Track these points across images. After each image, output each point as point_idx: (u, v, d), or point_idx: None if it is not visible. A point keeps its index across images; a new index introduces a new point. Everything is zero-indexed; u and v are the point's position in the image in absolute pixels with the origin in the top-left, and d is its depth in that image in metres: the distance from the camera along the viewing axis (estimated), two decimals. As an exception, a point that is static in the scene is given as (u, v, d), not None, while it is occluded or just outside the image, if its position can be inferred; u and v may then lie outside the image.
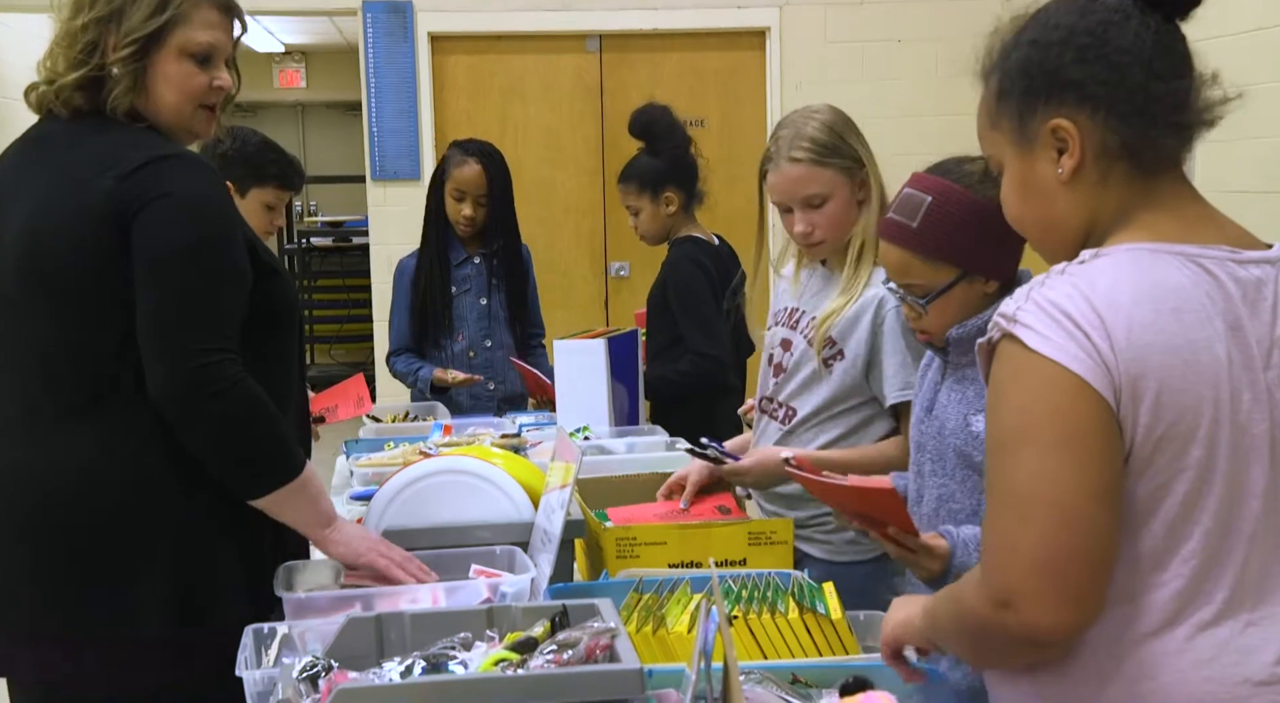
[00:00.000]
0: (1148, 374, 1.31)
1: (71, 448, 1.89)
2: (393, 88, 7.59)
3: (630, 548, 2.17)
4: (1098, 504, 1.29)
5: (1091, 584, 1.30)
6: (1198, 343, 1.33)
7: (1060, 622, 1.29)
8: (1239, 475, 1.35)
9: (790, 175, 2.40)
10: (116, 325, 1.88)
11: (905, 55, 7.65)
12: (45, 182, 1.93)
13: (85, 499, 1.88)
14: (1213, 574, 1.35)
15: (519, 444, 2.84)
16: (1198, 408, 1.32)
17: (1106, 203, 1.42)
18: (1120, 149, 1.40)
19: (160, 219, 1.86)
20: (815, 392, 2.41)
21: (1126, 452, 1.32)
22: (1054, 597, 1.28)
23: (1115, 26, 1.39)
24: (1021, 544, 1.29)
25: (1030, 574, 1.28)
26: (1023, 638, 1.31)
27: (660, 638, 1.75)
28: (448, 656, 1.59)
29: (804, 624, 1.78)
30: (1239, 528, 1.36)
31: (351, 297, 8.86)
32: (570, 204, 7.91)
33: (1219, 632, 1.36)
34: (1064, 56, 1.40)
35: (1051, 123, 1.41)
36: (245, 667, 1.64)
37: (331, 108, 12.29)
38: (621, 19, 7.66)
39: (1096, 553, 1.30)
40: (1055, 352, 1.30)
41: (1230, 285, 1.37)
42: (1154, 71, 1.38)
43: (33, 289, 1.90)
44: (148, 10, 1.95)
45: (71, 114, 1.97)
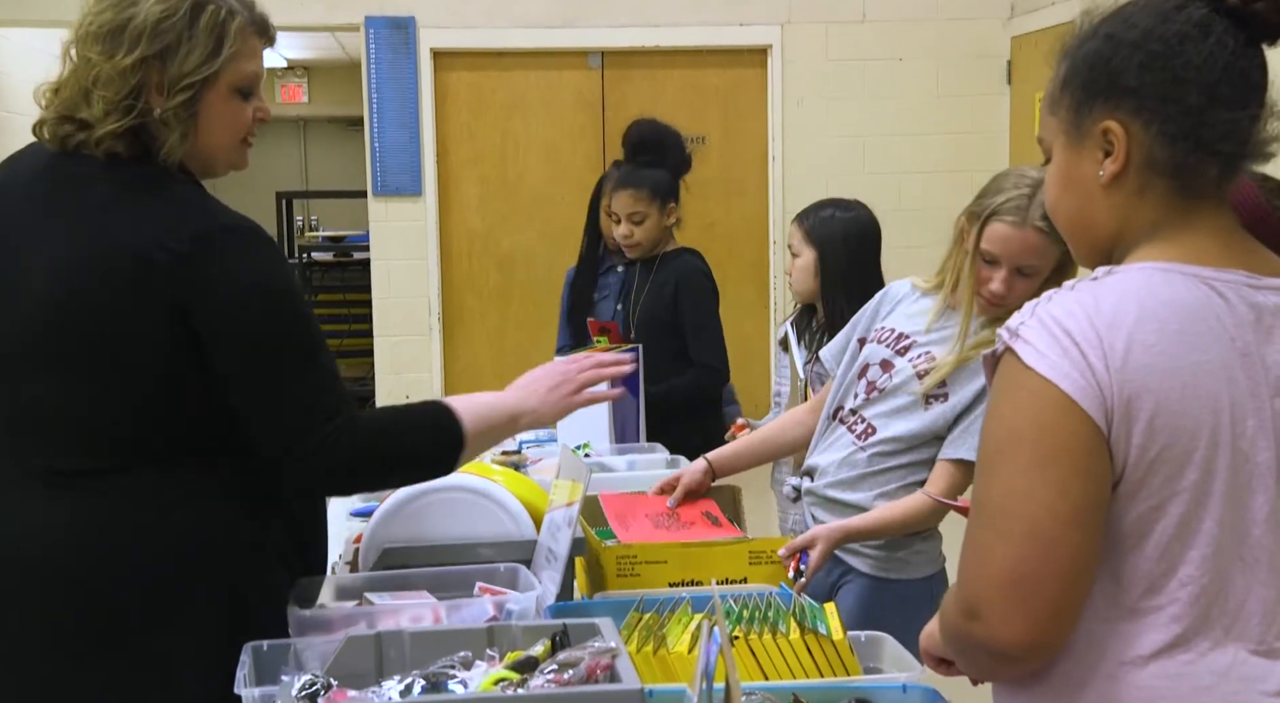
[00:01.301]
0: (1143, 395, 1.29)
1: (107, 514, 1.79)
2: (395, 103, 7.61)
3: (630, 567, 2.17)
4: (1072, 527, 1.29)
5: (1059, 604, 1.30)
6: (1200, 366, 1.31)
7: (1024, 638, 1.29)
8: (1240, 502, 1.34)
9: (1031, 242, 2.31)
10: (149, 394, 1.79)
11: (906, 74, 7.67)
12: (86, 241, 1.77)
13: (124, 576, 1.79)
14: (1214, 600, 1.34)
15: (519, 461, 2.84)
16: (1195, 431, 1.31)
17: (1140, 215, 1.40)
18: (1164, 166, 1.37)
19: (233, 312, 1.76)
20: (904, 420, 2.46)
21: (1119, 472, 1.31)
22: (1019, 613, 1.28)
23: (1190, 41, 1.34)
24: (993, 559, 1.29)
25: (998, 589, 1.29)
26: (987, 649, 1.32)
27: (661, 658, 1.75)
28: (447, 675, 1.58)
29: (805, 645, 1.77)
30: (1240, 555, 1.35)
31: (352, 312, 8.84)
32: (571, 220, 7.88)
33: (1219, 658, 1.34)
34: (1131, 59, 1.36)
35: (1103, 123, 1.38)
36: (244, 685, 1.64)
37: (333, 123, 12.31)
38: (623, 36, 7.68)
39: (1067, 574, 1.29)
40: (1048, 369, 1.30)
41: (1243, 309, 1.35)
42: (1215, 96, 1.34)
43: (61, 352, 1.78)
44: (204, 51, 1.80)
45: (109, 158, 1.81)
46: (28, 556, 1.79)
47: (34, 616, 1.79)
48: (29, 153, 1.92)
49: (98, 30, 1.80)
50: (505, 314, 7.93)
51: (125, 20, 1.79)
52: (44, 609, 1.79)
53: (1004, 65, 7.69)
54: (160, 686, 1.79)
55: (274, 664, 1.71)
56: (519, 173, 7.86)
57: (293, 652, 1.74)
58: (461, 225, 7.84)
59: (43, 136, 1.87)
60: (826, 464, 2.53)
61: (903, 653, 1.81)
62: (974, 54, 7.66)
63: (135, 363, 1.78)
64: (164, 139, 1.81)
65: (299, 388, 1.80)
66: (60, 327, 1.78)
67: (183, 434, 1.81)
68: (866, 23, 7.69)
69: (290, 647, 1.75)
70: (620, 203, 3.69)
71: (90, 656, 1.78)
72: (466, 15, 7.59)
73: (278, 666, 1.71)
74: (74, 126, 1.82)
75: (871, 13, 7.70)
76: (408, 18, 7.55)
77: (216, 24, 1.82)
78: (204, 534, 1.82)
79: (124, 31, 1.78)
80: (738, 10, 7.67)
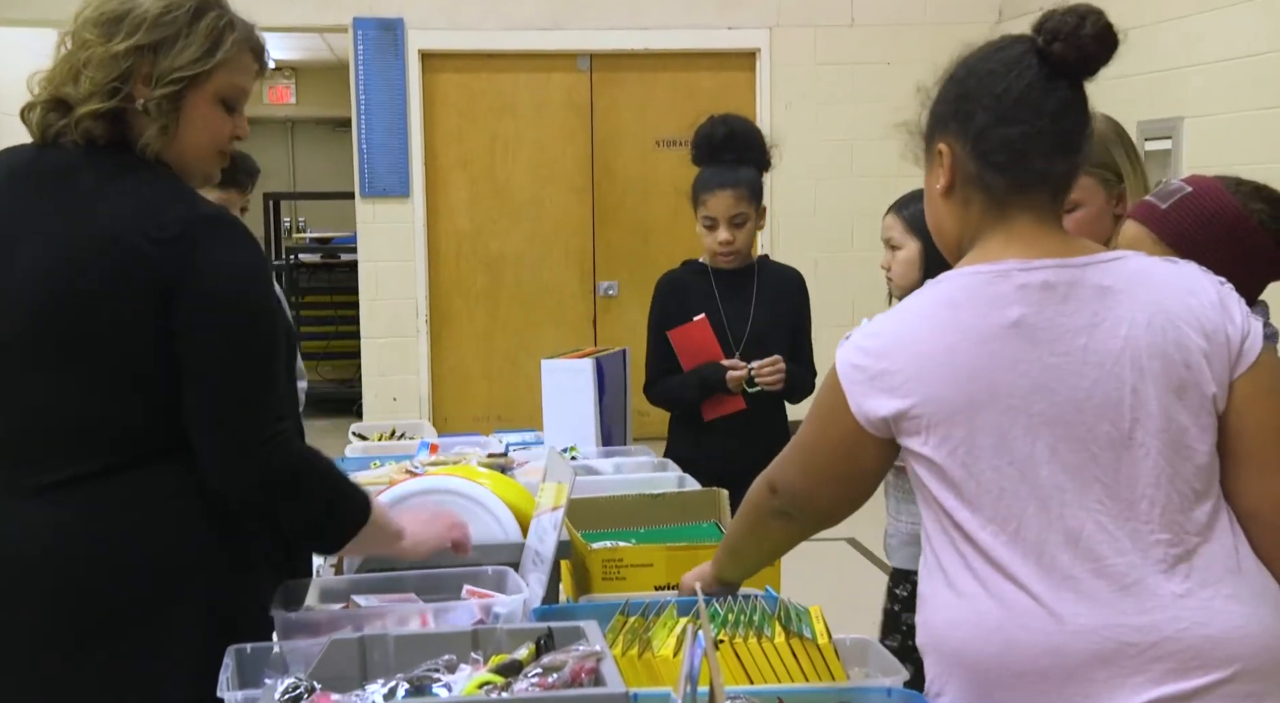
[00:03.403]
0: (911, 382, 1.61)
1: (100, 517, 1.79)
2: (383, 105, 7.60)
3: (616, 570, 2.16)
4: (824, 479, 1.74)
5: (824, 514, 1.79)
6: (957, 344, 1.59)
7: (805, 521, 1.81)
8: (1017, 449, 1.58)
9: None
10: (134, 389, 1.79)
11: (895, 77, 7.67)
12: (69, 231, 1.78)
13: (119, 573, 1.78)
14: (1015, 535, 1.58)
15: (505, 464, 2.83)
16: (954, 395, 1.59)
17: (968, 224, 1.69)
18: (974, 179, 1.65)
19: (208, 306, 1.77)
20: None
21: (913, 437, 1.62)
22: (796, 507, 1.78)
23: (995, 75, 1.62)
24: (790, 475, 1.77)
25: (789, 490, 1.78)
26: (781, 517, 1.80)
27: (646, 662, 1.74)
28: (431, 678, 1.57)
29: (790, 649, 1.77)
30: (1034, 496, 1.57)
31: (339, 313, 8.83)
32: (560, 222, 7.92)
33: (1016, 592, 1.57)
34: (951, 91, 1.67)
35: (938, 145, 1.68)
36: (227, 688, 1.63)
37: (321, 124, 12.29)
38: (613, 39, 7.69)
39: (823, 501, 1.78)
40: (841, 367, 1.67)
41: (1010, 291, 1.60)
42: (1000, 117, 1.61)
43: (48, 347, 1.78)
44: (198, 50, 1.82)
45: (87, 146, 1.83)
46: (17, 556, 1.79)
47: (23, 615, 1.79)
48: (9, 154, 1.92)
49: (98, 16, 1.83)
50: (493, 316, 7.93)
51: (128, 9, 1.82)
52: (33, 609, 1.79)
53: (992, 70, 7.71)
54: (145, 685, 1.79)
55: (258, 667, 1.71)
56: (507, 175, 7.86)
57: (276, 655, 1.73)
58: (450, 227, 7.83)
59: (30, 124, 1.88)
60: None
61: (888, 657, 1.81)
62: (962, 58, 7.68)
63: (123, 357, 1.78)
64: (143, 130, 1.83)
65: (252, 391, 1.80)
66: (51, 321, 1.78)
67: (170, 433, 1.81)
68: (855, 27, 7.71)
69: (274, 649, 1.74)
70: (719, 205, 3.31)
71: (77, 655, 1.78)
72: (455, 17, 7.59)
73: (261, 668, 1.70)
74: (58, 113, 1.84)
75: (860, 17, 7.72)
76: (396, 19, 7.55)
77: (215, 29, 1.85)
78: (189, 534, 1.81)
79: (124, 19, 1.81)
80: (726, 13, 7.68)
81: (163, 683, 1.79)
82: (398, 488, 2.26)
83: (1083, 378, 1.58)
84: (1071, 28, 1.58)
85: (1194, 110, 5.79)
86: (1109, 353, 1.58)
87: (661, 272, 3.52)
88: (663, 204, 7.77)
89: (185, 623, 1.80)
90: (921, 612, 1.69)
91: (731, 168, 3.32)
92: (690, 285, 3.41)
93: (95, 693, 1.79)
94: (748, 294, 3.39)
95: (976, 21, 7.71)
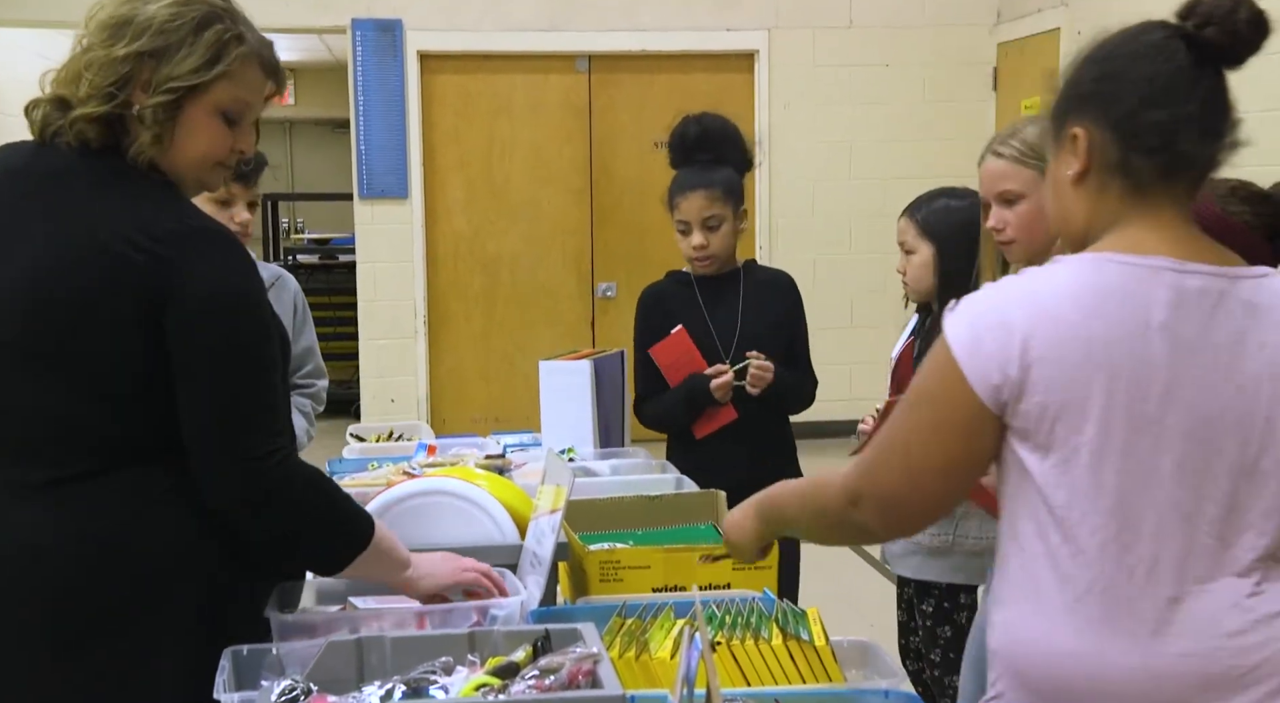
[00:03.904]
0: (1042, 362, 1.50)
1: (83, 518, 1.77)
2: (381, 106, 7.60)
3: (614, 572, 2.16)
4: (940, 478, 1.58)
5: (918, 520, 1.65)
6: (1101, 336, 1.50)
7: (886, 533, 1.71)
8: (1143, 460, 1.49)
9: (989, 169, 2.44)
10: (123, 393, 1.77)
11: (893, 79, 7.69)
12: (59, 236, 1.77)
13: (111, 574, 1.77)
14: (1126, 548, 1.50)
15: (503, 466, 2.83)
16: (1090, 392, 1.49)
17: (1102, 211, 1.60)
18: (1116, 166, 1.57)
19: (198, 320, 1.75)
20: None
21: (1024, 430, 1.52)
22: (886, 520, 1.63)
23: (1142, 58, 1.56)
24: (878, 479, 1.61)
25: (876, 502, 1.61)
26: (858, 528, 1.65)
27: (643, 664, 1.74)
28: (428, 680, 1.57)
29: (788, 651, 1.77)
30: (1150, 509, 1.50)
31: (337, 314, 8.82)
32: (557, 224, 7.92)
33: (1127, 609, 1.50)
34: (1091, 73, 1.60)
35: (1072, 130, 1.60)
36: (223, 690, 1.63)
37: (319, 125, 12.30)
38: (611, 40, 7.69)
39: (927, 505, 1.62)
40: (956, 344, 1.53)
41: (1163, 292, 1.51)
42: (1149, 101, 1.55)
43: (37, 350, 1.77)
44: (199, 60, 1.80)
45: (81, 148, 1.82)
46: (8, 557, 1.78)
47: (15, 616, 1.78)
48: (7, 151, 1.92)
49: (106, 19, 1.82)
50: (491, 317, 7.93)
51: (134, 14, 1.81)
52: (26, 610, 1.78)
53: (990, 72, 7.71)
54: (140, 687, 1.79)
55: (254, 669, 1.70)
56: (505, 176, 7.86)
57: (273, 657, 1.73)
58: (448, 228, 7.83)
59: (32, 120, 1.87)
60: None
61: (885, 659, 1.81)
62: (960, 60, 7.69)
63: (114, 360, 1.77)
64: (136, 136, 1.82)
65: (245, 405, 1.79)
66: (40, 323, 1.78)
67: (162, 434, 1.80)
68: (853, 28, 7.71)
69: (270, 651, 1.74)
70: (691, 207, 3.15)
71: (71, 656, 1.77)
72: (454, 18, 7.59)
73: (258, 670, 1.70)
74: (58, 112, 1.83)
75: (858, 19, 7.72)
76: (395, 20, 7.55)
77: (220, 40, 1.83)
78: (183, 535, 1.81)
79: (130, 24, 1.81)
80: (725, 15, 7.68)
81: (158, 685, 1.79)
82: (395, 489, 2.26)
83: (1218, 396, 1.50)
84: (1225, 12, 1.53)
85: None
86: (1249, 374, 1.51)
87: (659, 273, 3.43)
88: (660, 205, 7.68)
89: (180, 625, 1.80)
90: (999, 613, 1.60)
91: (706, 168, 3.17)
92: (673, 296, 3.26)
93: (89, 693, 1.78)
94: (733, 300, 3.21)
95: (975, 24, 7.72)
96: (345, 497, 1.90)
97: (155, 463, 1.81)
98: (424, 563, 1.96)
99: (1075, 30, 6.83)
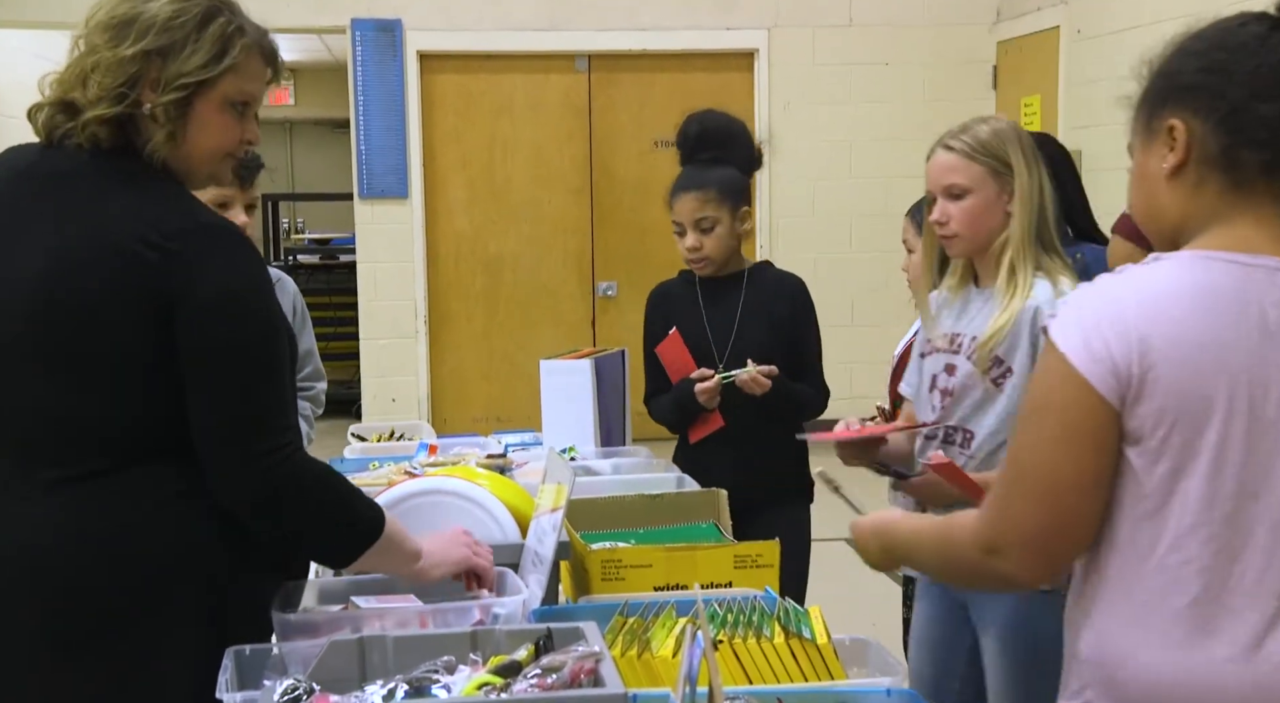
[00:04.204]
0: (1160, 366, 1.44)
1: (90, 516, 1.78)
2: (381, 106, 7.60)
3: (615, 570, 2.16)
4: (1083, 494, 1.49)
5: (1068, 552, 1.54)
6: (1218, 341, 1.45)
7: (1034, 577, 1.54)
8: (1262, 468, 1.45)
9: (938, 162, 2.46)
10: (131, 392, 1.78)
11: (893, 78, 7.69)
12: (69, 235, 1.78)
13: (115, 573, 1.77)
14: (1235, 558, 1.45)
15: (504, 465, 2.83)
16: (1210, 399, 1.44)
17: (1199, 207, 1.54)
18: (1216, 159, 1.52)
19: (209, 317, 1.76)
20: (990, 412, 2.42)
21: (1139, 438, 1.46)
22: (1033, 560, 1.52)
23: (1246, 49, 1.51)
24: (1016, 512, 1.52)
25: (1018, 539, 1.52)
26: (999, 579, 1.56)
27: (645, 662, 1.74)
28: (430, 679, 1.58)
29: (789, 649, 1.77)
30: (1265, 517, 1.45)
31: (338, 314, 8.83)
32: (558, 223, 7.92)
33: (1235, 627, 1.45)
34: (1192, 64, 1.54)
35: (1169, 121, 1.54)
36: (226, 689, 1.63)
37: (319, 125, 12.30)
38: (610, 39, 7.69)
39: (1075, 529, 1.52)
40: (1069, 348, 1.47)
41: (1276, 292, 1.47)
42: (1257, 93, 1.50)
43: (47, 349, 1.78)
44: (206, 55, 1.81)
45: (92, 149, 1.82)
46: (15, 556, 1.79)
47: (21, 614, 1.79)
48: (13, 153, 1.93)
49: (108, 20, 1.83)
50: (492, 317, 7.93)
51: (137, 14, 1.82)
52: (31, 608, 1.78)
53: (989, 70, 7.71)
54: (143, 686, 1.79)
55: (256, 668, 1.70)
56: (506, 176, 7.86)
57: (275, 656, 1.73)
58: (448, 228, 7.83)
59: (36, 123, 1.88)
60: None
61: (886, 657, 1.81)
62: (960, 59, 7.68)
63: (122, 359, 1.78)
64: (150, 135, 1.83)
65: (255, 402, 1.79)
66: (48, 323, 1.78)
67: (170, 433, 1.81)
68: (853, 27, 7.71)
69: (273, 651, 1.74)
70: (684, 209, 3.10)
71: (75, 655, 1.77)
72: (453, 18, 7.59)
73: (260, 670, 1.70)
74: (65, 115, 1.83)
75: (858, 17, 7.72)
76: (394, 20, 7.55)
77: (224, 34, 1.84)
78: (188, 535, 1.81)
79: (133, 24, 1.81)
80: (725, 14, 7.68)
81: (161, 684, 1.79)
82: (397, 489, 2.26)
83: None
84: None
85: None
86: None
87: (660, 272, 3.40)
88: (661, 205, 7.61)
89: (183, 624, 1.80)
90: (1091, 619, 1.55)
91: (704, 168, 3.12)
92: (677, 296, 3.22)
93: (92, 694, 1.79)
94: (733, 303, 3.13)
95: (975, 23, 7.72)
96: (355, 490, 1.91)
97: (161, 463, 1.81)
98: (434, 551, 1.96)
99: (1074, 29, 6.83)
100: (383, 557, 1.90)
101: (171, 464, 1.81)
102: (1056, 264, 2.42)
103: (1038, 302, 2.36)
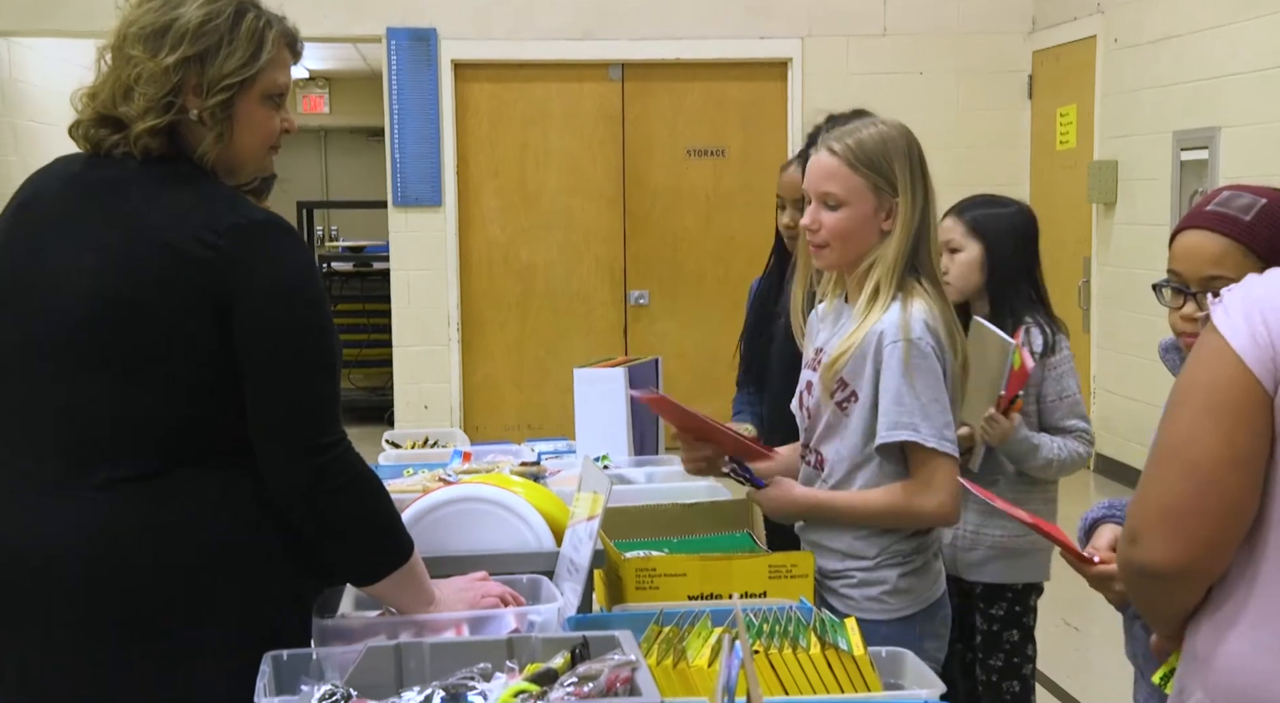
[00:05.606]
0: None
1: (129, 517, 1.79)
2: (415, 114, 7.64)
3: (650, 579, 2.16)
4: (1230, 469, 1.44)
5: (1210, 535, 1.46)
6: None
7: (1173, 562, 1.46)
8: None
9: (820, 163, 2.24)
10: (186, 391, 1.80)
11: (927, 87, 7.66)
12: (121, 239, 1.80)
13: (161, 573, 1.79)
14: None
15: (538, 472, 2.83)
16: None
17: None
18: None
19: (265, 310, 1.79)
20: (839, 437, 2.25)
21: None
22: (1170, 540, 1.45)
23: None
24: (1153, 493, 1.48)
25: (1153, 518, 1.47)
26: (1141, 571, 1.49)
27: (681, 672, 1.74)
28: (467, 686, 1.58)
29: (826, 660, 1.76)
30: None
31: (372, 321, 8.87)
32: (591, 231, 7.93)
33: None
34: None
35: None
36: (263, 694, 1.64)
37: (354, 133, 12.36)
38: (644, 49, 7.70)
39: (1218, 510, 1.45)
40: (1229, 332, 1.46)
41: None
42: None
43: (102, 350, 1.79)
44: (244, 54, 1.84)
45: (143, 157, 1.85)
46: (65, 554, 1.80)
47: (65, 613, 1.80)
48: (60, 163, 1.95)
49: (140, 31, 1.85)
50: (524, 325, 7.94)
51: (169, 22, 1.84)
52: (76, 607, 1.80)
53: (1025, 79, 7.68)
54: (181, 686, 1.80)
55: (294, 673, 1.71)
56: (539, 184, 7.88)
57: (313, 662, 1.74)
58: (481, 236, 7.86)
59: (79, 139, 1.90)
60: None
61: (924, 670, 1.80)
62: (995, 68, 7.65)
63: (177, 362, 1.80)
64: (199, 139, 1.85)
65: (311, 394, 1.81)
66: (104, 326, 1.80)
67: (221, 436, 1.83)
68: (887, 36, 7.69)
69: (310, 656, 1.75)
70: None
71: (117, 652, 1.79)
72: (487, 27, 7.62)
73: (298, 675, 1.71)
74: (109, 129, 1.86)
75: (892, 26, 7.70)
76: (429, 29, 7.59)
77: (256, 30, 1.87)
78: (230, 539, 1.82)
79: (168, 32, 1.83)
80: (758, 23, 7.68)
81: (198, 685, 1.80)
82: (432, 496, 2.26)
83: None
84: None
85: (1231, 120, 5.74)
86: None
87: (692, 281, 3.38)
88: (693, 213, 7.76)
89: (222, 627, 1.81)
90: (1225, 633, 1.51)
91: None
92: None
93: (132, 692, 1.80)
94: None
95: (1009, 31, 7.68)
96: (396, 516, 1.91)
97: (205, 466, 1.83)
98: (445, 599, 1.94)
99: (1111, 38, 6.79)
100: (403, 588, 1.90)
101: (215, 468, 1.83)
102: (921, 288, 2.21)
103: (883, 326, 2.17)
